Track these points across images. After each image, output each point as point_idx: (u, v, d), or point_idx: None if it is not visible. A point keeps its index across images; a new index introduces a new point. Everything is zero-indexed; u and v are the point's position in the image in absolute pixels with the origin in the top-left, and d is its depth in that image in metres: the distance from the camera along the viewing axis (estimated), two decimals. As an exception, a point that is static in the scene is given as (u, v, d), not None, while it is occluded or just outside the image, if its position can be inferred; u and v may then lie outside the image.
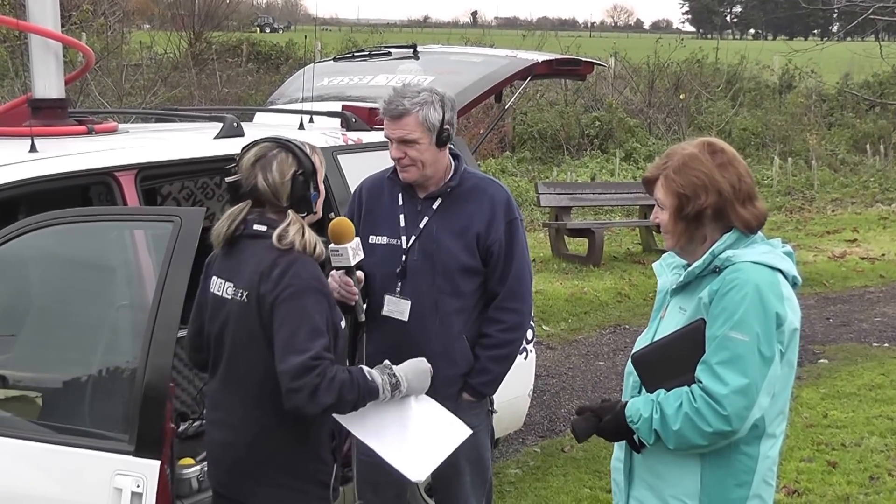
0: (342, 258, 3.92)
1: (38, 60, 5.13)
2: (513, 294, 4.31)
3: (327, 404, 3.38)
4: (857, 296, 11.50)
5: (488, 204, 4.28)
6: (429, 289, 4.19)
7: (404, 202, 4.30)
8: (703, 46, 25.32)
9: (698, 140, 3.34)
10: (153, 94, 15.28)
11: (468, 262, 4.25)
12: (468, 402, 4.34)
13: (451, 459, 4.32)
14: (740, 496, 3.24)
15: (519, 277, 4.32)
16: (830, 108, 23.19)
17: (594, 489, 6.35)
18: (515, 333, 4.36)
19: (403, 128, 4.15)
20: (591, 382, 8.56)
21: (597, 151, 19.41)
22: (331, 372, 3.37)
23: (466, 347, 4.29)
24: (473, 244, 4.25)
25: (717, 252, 3.22)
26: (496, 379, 4.38)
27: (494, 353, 4.32)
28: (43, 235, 3.77)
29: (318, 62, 7.62)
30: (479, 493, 4.47)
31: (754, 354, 3.09)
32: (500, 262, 4.28)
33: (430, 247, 4.23)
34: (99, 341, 3.95)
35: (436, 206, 4.28)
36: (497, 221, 4.27)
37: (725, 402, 3.08)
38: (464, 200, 4.28)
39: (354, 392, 3.43)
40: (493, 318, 4.31)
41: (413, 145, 4.16)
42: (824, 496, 6.20)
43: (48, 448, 3.58)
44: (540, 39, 25.91)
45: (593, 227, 12.96)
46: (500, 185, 4.44)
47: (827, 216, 16.33)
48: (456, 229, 4.25)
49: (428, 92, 4.20)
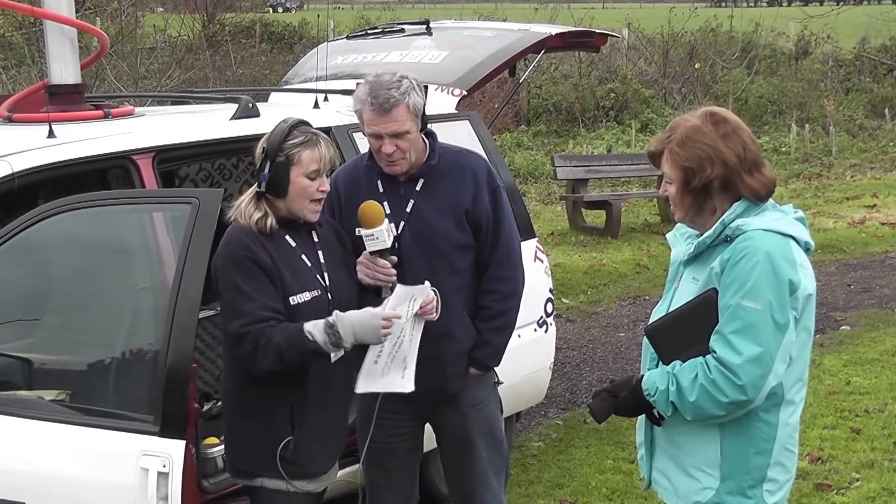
0: (377, 241, 3.89)
1: (53, 46, 5.15)
2: (505, 262, 4.28)
3: (268, 368, 3.59)
4: (877, 261, 11.45)
5: (470, 176, 4.23)
6: (425, 271, 4.09)
7: (385, 189, 4.19)
8: (717, 15, 25.14)
9: (700, 111, 3.31)
10: (168, 77, 15.29)
11: (461, 238, 4.20)
12: (474, 375, 4.32)
13: (465, 435, 4.35)
14: (761, 464, 3.24)
15: (508, 245, 4.30)
16: (847, 73, 22.99)
17: (617, 460, 6.37)
18: (511, 301, 4.34)
19: (396, 120, 4.01)
20: (612, 354, 8.57)
21: (612, 123, 19.34)
22: (264, 337, 3.56)
23: (469, 323, 4.26)
24: (463, 219, 4.19)
25: (728, 221, 3.20)
26: (499, 350, 4.36)
27: (493, 323, 4.30)
28: (62, 220, 3.80)
29: (331, 41, 7.61)
30: (496, 465, 4.44)
31: (768, 322, 3.08)
32: (489, 233, 4.24)
33: (420, 229, 4.16)
34: (121, 324, 3.98)
35: (419, 187, 4.19)
36: (482, 193, 4.22)
37: (740, 372, 3.08)
38: (445, 177, 4.21)
39: (293, 353, 3.58)
40: (488, 289, 4.28)
41: (404, 136, 4.05)
42: (848, 463, 6.20)
43: (75, 430, 3.62)
44: (553, 12, 25.80)
45: (610, 199, 12.94)
46: (477, 156, 4.38)
47: (846, 182, 16.23)
48: (443, 207, 4.18)
49: (406, 78, 4.07)
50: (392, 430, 4.25)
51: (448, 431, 4.38)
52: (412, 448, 4.41)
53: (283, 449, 3.71)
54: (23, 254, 3.90)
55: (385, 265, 3.94)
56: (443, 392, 4.24)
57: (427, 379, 3.93)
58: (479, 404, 4.37)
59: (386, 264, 3.94)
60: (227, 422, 3.88)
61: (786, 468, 3.31)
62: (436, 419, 4.38)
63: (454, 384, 4.25)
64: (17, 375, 3.82)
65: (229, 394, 3.86)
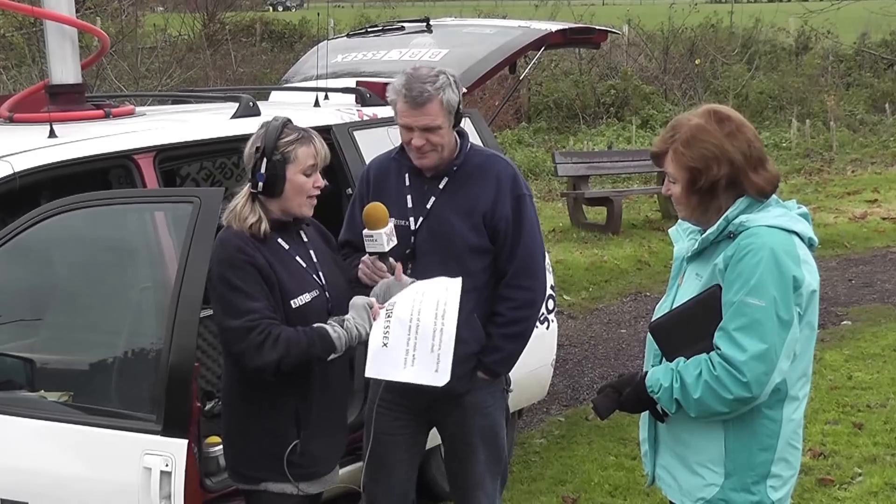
0: (376, 244, 3.89)
1: (54, 46, 5.15)
2: (523, 271, 4.24)
3: (272, 360, 3.56)
4: (879, 256, 11.44)
5: (494, 181, 4.20)
6: (438, 269, 4.06)
7: (411, 183, 4.20)
8: (717, 11, 25.13)
9: (703, 109, 3.29)
10: (169, 77, 15.29)
11: (476, 241, 4.17)
12: (483, 380, 4.29)
13: (466, 438, 4.33)
14: (765, 460, 3.25)
15: (529, 254, 4.25)
16: (848, 68, 22.97)
17: (619, 457, 6.37)
18: (527, 311, 4.29)
19: (428, 114, 4.01)
20: (614, 350, 8.57)
21: (613, 120, 19.33)
22: (276, 329, 3.57)
23: (478, 326, 4.21)
24: (480, 223, 4.17)
25: (731, 217, 3.20)
26: (510, 357, 4.32)
27: (506, 330, 4.25)
28: (64, 220, 3.80)
29: (331, 39, 7.62)
30: (494, 471, 4.41)
31: (772, 319, 3.08)
32: (507, 240, 4.19)
33: (437, 227, 4.16)
34: (123, 323, 3.98)
35: (442, 185, 4.19)
36: (503, 198, 4.19)
37: (745, 369, 3.08)
38: (470, 179, 4.20)
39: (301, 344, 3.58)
40: (504, 296, 4.24)
41: (436, 131, 4.05)
42: (851, 458, 6.20)
43: (78, 429, 3.63)
44: (553, 9, 25.74)
45: (611, 196, 12.94)
46: (507, 162, 4.36)
47: (847, 177, 16.22)
48: (462, 209, 4.17)
49: (444, 74, 4.07)
50: (395, 420, 4.25)
51: (450, 432, 4.37)
52: (414, 444, 4.39)
53: (290, 452, 3.71)
54: (24, 254, 3.91)
55: (382, 268, 3.94)
56: (446, 391, 4.23)
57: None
58: (485, 410, 4.33)
59: (382, 267, 3.94)
60: (228, 425, 3.87)
61: (790, 464, 3.31)
62: (439, 418, 4.36)
63: (458, 384, 4.17)
64: (19, 375, 3.82)
65: (231, 397, 3.85)
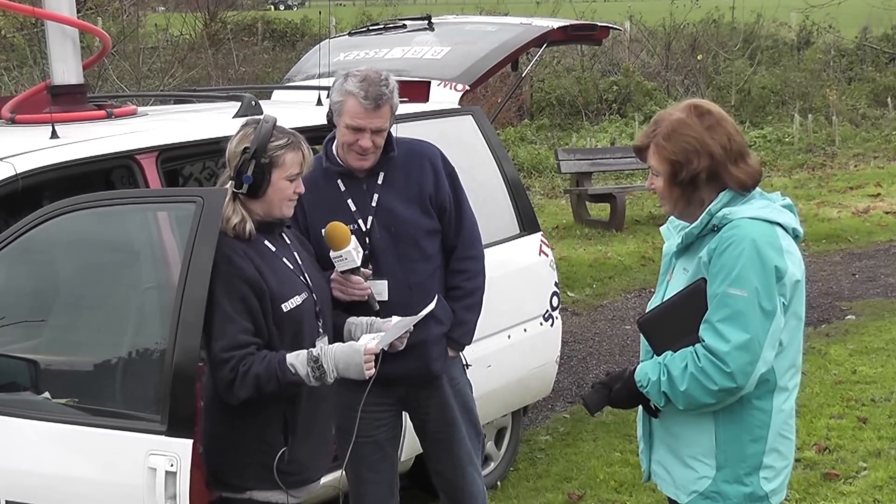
0: (347, 261, 3.97)
1: (55, 47, 5.15)
2: (469, 242, 4.43)
3: (244, 397, 3.56)
4: (882, 250, 11.42)
5: (428, 164, 4.33)
6: (399, 262, 4.21)
7: (347, 187, 4.24)
8: (718, 6, 25.08)
9: (684, 103, 3.36)
10: (170, 76, 15.29)
11: (428, 224, 4.30)
12: (451, 358, 4.44)
13: (449, 417, 4.46)
14: (756, 451, 3.28)
15: (471, 224, 4.45)
16: (850, 62, 22.92)
17: (624, 453, 6.37)
18: (481, 278, 4.49)
19: (381, 116, 4.09)
20: (619, 347, 8.57)
21: (615, 116, 19.30)
22: (244, 365, 3.53)
23: (446, 305, 4.36)
24: (428, 205, 4.29)
25: (714, 211, 3.25)
26: (472, 328, 4.50)
27: (467, 302, 4.43)
28: (67, 221, 3.80)
29: (333, 37, 7.61)
30: (475, 445, 4.58)
31: (755, 309, 3.11)
32: (453, 216, 4.36)
33: (388, 220, 4.23)
34: (127, 324, 3.98)
35: (380, 180, 4.25)
36: (441, 178, 4.34)
37: (728, 359, 3.11)
38: (403, 167, 4.29)
39: (273, 384, 3.55)
40: (458, 269, 4.40)
41: (381, 133, 4.14)
42: (855, 452, 6.20)
43: (83, 430, 3.62)
44: (554, 6, 25.68)
45: (615, 192, 12.94)
46: (429, 143, 4.47)
47: (849, 172, 16.20)
48: (407, 196, 4.26)
49: (390, 76, 4.15)
50: (375, 422, 4.33)
51: (433, 416, 4.45)
52: (394, 437, 4.50)
53: (278, 460, 3.70)
54: (27, 255, 3.91)
55: (359, 281, 4.03)
56: (427, 374, 4.34)
57: (412, 363, 4.11)
58: (459, 386, 4.50)
59: (359, 280, 4.03)
60: (209, 433, 3.80)
61: (782, 455, 3.34)
62: (418, 404, 4.44)
63: (436, 365, 4.35)
64: (23, 376, 3.82)
65: (213, 402, 3.78)
